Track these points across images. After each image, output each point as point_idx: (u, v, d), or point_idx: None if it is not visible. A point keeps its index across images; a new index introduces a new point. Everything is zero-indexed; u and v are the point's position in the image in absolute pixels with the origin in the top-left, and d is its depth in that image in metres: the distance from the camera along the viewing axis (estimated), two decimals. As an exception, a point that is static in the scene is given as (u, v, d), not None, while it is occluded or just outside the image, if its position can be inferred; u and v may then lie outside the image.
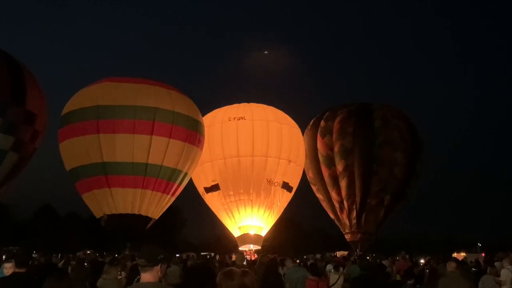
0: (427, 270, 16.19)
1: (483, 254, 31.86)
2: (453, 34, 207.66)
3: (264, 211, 23.48)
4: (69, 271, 12.79)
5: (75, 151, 19.23)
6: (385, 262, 16.93)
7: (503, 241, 56.14)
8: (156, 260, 4.03)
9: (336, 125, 25.06)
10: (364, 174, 24.08)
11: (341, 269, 13.48)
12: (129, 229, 19.38)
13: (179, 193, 21.06)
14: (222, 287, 4.09)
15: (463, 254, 36.17)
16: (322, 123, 25.69)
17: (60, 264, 13.64)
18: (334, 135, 24.89)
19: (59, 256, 25.37)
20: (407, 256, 20.87)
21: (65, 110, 20.01)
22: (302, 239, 57.59)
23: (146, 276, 4.00)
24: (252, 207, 23.03)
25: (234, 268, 4.42)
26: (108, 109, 18.84)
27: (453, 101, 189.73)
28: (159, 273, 4.06)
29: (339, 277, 11.97)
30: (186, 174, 20.55)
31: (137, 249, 18.63)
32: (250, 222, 23.51)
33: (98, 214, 19.98)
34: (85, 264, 15.15)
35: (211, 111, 24.80)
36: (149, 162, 18.86)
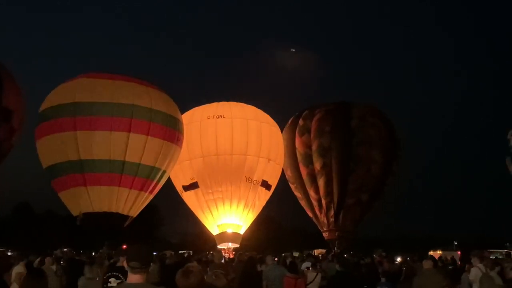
0: (404, 268, 16.34)
1: (459, 252, 32.25)
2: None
3: (243, 209, 23.50)
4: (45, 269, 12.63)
5: (52, 148, 19.03)
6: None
7: (479, 239, 57.03)
8: (149, 262, 3.95)
9: (314, 123, 25.18)
10: (341, 173, 24.25)
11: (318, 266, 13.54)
12: (106, 228, 19.25)
13: (157, 191, 20.96)
14: (180, 285, 4.05)
15: (439, 252, 36.54)
16: (301, 121, 25.79)
17: (35, 263, 13.50)
18: (312, 134, 25.01)
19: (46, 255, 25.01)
20: (383, 254, 21.02)
21: (42, 107, 19.79)
22: (280, 237, 57.64)
23: (135, 277, 3.87)
24: (230, 205, 23.03)
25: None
26: (85, 105, 18.67)
27: (434, 101, 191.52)
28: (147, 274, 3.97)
29: (317, 274, 12.02)
30: (164, 172, 20.46)
31: (113, 247, 18.54)
32: (228, 220, 23.51)
33: (75, 212, 19.80)
34: (62, 262, 15.02)
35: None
36: (126, 159, 18.74)
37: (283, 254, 24.30)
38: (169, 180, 23.07)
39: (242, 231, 24.25)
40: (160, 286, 4.36)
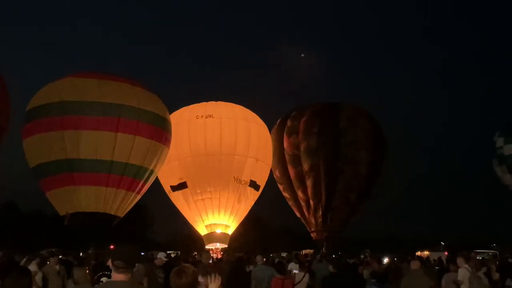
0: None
1: (446, 253, 32.46)
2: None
3: (231, 210, 23.47)
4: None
5: (39, 148, 18.91)
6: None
7: (466, 240, 57.41)
8: (134, 262, 3.98)
9: (302, 124, 25.25)
10: (329, 174, 24.33)
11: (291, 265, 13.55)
12: (93, 228, 19.15)
13: (145, 191, 20.89)
14: (172, 284, 4.04)
15: (426, 252, 36.77)
16: (289, 122, 25.84)
17: (22, 262, 13.41)
18: (300, 135, 25.07)
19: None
20: (368, 254, 21.11)
21: (29, 106, 19.65)
22: (269, 238, 57.66)
23: (119, 276, 3.90)
24: (219, 206, 22.98)
25: (187, 265, 4.37)
26: (73, 105, 18.57)
27: (424, 103, 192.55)
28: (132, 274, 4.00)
29: (304, 275, 12.03)
30: (152, 171, 20.39)
31: (101, 247, 18.46)
32: (217, 220, 23.46)
33: (62, 212, 19.69)
34: (48, 262, 14.88)
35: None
36: (114, 159, 18.65)
37: (271, 255, 24.32)
38: (157, 180, 23.02)
39: (230, 231, 24.22)
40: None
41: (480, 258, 21.08)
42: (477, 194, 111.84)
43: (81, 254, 19.82)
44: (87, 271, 10.64)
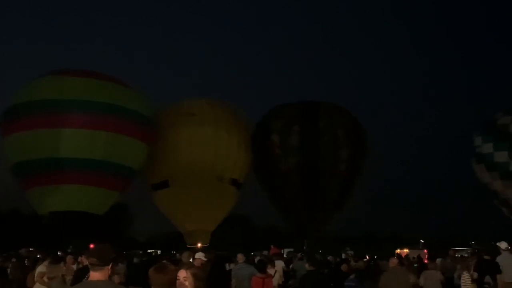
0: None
1: (425, 251, 32.79)
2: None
3: (213, 208, 23.41)
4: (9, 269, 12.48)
5: (19, 146, 18.72)
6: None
7: (445, 238, 58.08)
8: (108, 260, 3.99)
9: (283, 123, 25.29)
10: (310, 172, 24.38)
11: (277, 263, 13.63)
12: (73, 226, 18.98)
13: (126, 189, 20.77)
14: (152, 280, 4.02)
15: (406, 250, 37.11)
16: (270, 121, 25.85)
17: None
18: (281, 134, 25.11)
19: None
20: (350, 253, 21.26)
21: (9, 104, 19.43)
22: (251, 236, 57.75)
23: (96, 275, 3.94)
24: (200, 204, 22.86)
25: (168, 263, 4.36)
26: (54, 103, 18.40)
27: (404, 104, 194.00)
28: (109, 272, 4.02)
29: (275, 272, 12.15)
30: (134, 170, 20.29)
31: (81, 246, 18.29)
32: (198, 219, 23.36)
33: (41, 211, 19.51)
34: (26, 262, 14.80)
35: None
36: (95, 157, 18.52)
37: (252, 253, 24.35)
38: (139, 179, 22.91)
39: (211, 229, 24.17)
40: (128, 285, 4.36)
41: (459, 256, 21.36)
42: (456, 193, 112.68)
43: (59, 253, 19.64)
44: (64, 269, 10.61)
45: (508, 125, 24.81)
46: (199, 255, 11.39)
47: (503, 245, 12.36)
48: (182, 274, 3.95)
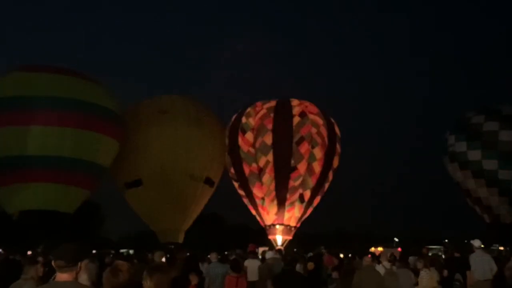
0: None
1: (399, 249, 33.05)
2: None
3: (186, 206, 23.27)
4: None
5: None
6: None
7: (418, 236, 58.72)
8: (76, 260, 3.84)
9: (256, 121, 25.31)
10: (283, 170, 24.47)
11: (246, 262, 13.60)
12: (43, 226, 18.65)
13: (96, 187, 20.51)
14: (107, 284, 3.90)
15: (380, 248, 37.34)
16: (243, 119, 25.83)
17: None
18: (254, 132, 25.12)
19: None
20: (323, 251, 21.22)
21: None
22: (224, 235, 57.63)
23: (63, 276, 3.80)
24: (173, 203, 22.69)
25: (122, 263, 4.22)
26: (22, 99, 18.08)
27: (374, 100, 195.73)
28: (78, 271, 3.88)
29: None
30: (103, 167, 20.03)
31: (52, 246, 17.94)
32: (171, 217, 23.19)
33: (10, 210, 19.15)
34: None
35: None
36: (64, 155, 18.24)
37: (225, 252, 24.21)
38: (111, 177, 22.64)
39: (185, 227, 24.02)
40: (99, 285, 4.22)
41: (431, 254, 21.56)
42: (429, 191, 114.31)
43: (28, 253, 19.23)
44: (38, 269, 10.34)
45: (481, 124, 25.22)
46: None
47: (476, 243, 12.47)
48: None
